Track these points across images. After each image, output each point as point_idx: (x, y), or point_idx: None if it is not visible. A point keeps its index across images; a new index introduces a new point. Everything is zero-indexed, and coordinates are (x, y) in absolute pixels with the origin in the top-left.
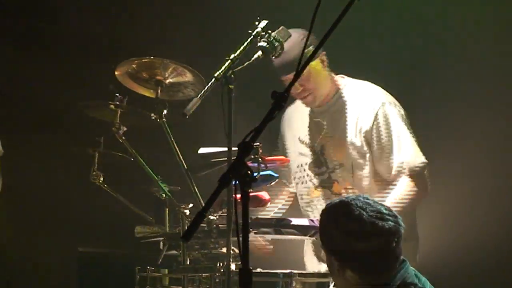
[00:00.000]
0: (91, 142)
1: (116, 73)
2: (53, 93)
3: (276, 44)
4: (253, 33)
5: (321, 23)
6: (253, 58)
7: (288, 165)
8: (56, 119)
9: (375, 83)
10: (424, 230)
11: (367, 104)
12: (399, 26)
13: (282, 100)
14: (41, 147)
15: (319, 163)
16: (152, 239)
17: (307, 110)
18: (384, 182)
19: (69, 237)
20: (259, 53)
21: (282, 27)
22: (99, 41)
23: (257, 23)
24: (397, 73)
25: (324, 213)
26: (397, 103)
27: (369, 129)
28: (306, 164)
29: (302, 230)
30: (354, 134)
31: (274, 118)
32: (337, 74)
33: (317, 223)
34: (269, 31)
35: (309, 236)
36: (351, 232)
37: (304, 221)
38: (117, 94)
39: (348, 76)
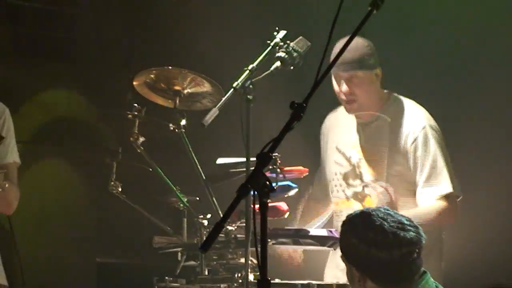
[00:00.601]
0: (109, 152)
1: (134, 83)
2: (71, 103)
3: (295, 54)
4: (272, 43)
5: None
6: (272, 69)
7: (324, 173)
8: (75, 129)
9: (419, 103)
10: (449, 242)
11: (410, 124)
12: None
13: (301, 110)
14: (60, 157)
15: (354, 175)
16: (170, 250)
17: (349, 119)
18: (413, 203)
19: (88, 247)
20: (278, 63)
21: (300, 37)
22: (117, 51)
23: (275, 33)
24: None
25: (345, 223)
26: (438, 128)
27: (408, 150)
28: (340, 173)
29: (321, 240)
30: (394, 153)
31: (292, 129)
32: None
33: (335, 234)
34: (288, 41)
35: (328, 247)
36: (372, 242)
37: (322, 232)
38: (135, 104)
39: (393, 92)
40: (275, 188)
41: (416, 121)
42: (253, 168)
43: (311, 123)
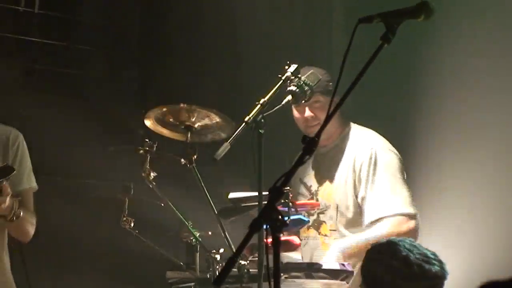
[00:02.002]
0: (121, 188)
1: (145, 120)
2: (82, 138)
3: (306, 88)
4: (283, 77)
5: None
6: (283, 103)
7: None
8: (87, 164)
9: (381, 134)
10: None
11: (360, 148)
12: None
13: (313, 144)
14: (71, 192)
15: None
16: (184, 284)
17: None
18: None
19: (101, 282)
20: (289, 97)
21: (311, 71)
22: (129, 87)
23: (286, 67)
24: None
25: (370, 251)
26: (391, 148)
27: (358, 174)
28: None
29: (333, 274)
30: (345, 178)
31: (304, 163)
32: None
33: (348, 267)
34: (299, 75)
35: (340, 280)
36: (397, 271)
37: (335, 265)
38: (147, 140)
39: (355, 122)
40: (287, 222)
41: (367, 144)
42: (265, 202)
43: None
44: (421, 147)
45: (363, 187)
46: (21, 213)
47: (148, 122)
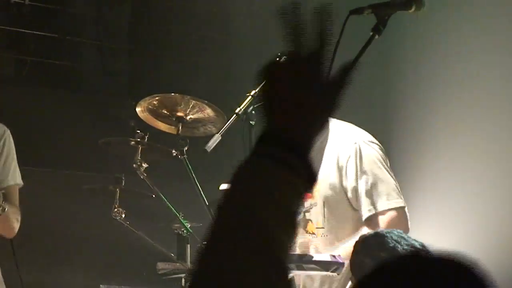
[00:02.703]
0: (112, 179)
1: (137, 109)
2: (74, 129)
3: None
4: None
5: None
6: None
7: None
8: (78, 155)
9: (360, 126)
10: None
11: (343, 142)
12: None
13: None
14: (62, 183)
15: None
16: (174, 276)
17: None
18: (358, 224)
19: (91, 274)
20: None
21: None
22: (120, 78)
23: (278, 59)
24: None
25: (358, 243)
26: (373, 140)
27: (345, 170)
28: None
29: (324, 265)
30: (328, 173)
31: None
32: None
33: (339, 259)
34: None
35: (331, 272)
36: None
37: (326, 257)
38: (138, 131)
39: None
40: None
41: (350, 138)
42: None
43: None
44: (412, 140)
45: (351, 183)
46: (7, 207)
47: (139, 110)
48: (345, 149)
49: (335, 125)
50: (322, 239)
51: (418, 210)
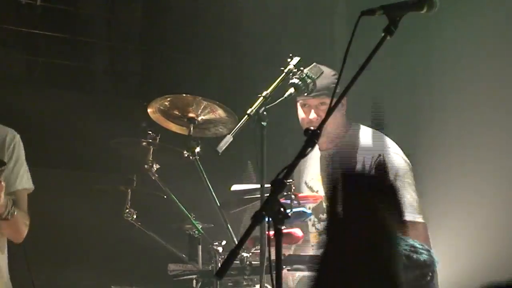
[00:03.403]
0: (124, 180)
1: (148, 110)
2: (86, 130)
3: (309, 81)
4: (286, 70)
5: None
6: (286, 95)
7: None
8: (89, 156)
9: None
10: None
11: (368, 154)
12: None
13: (315, 137)
14: (74, 184)
15: (322, 208)
16: (186, 277)
17: (313, 153)
18: None
19: (103, 274)
20: (291, 90)
21: (314, 63)
22: (132, 79)
23: (289, 60)
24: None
25: None
26: (400, 154)
27: None
28: (310, 208)
29: None
30: None
31: (306, 155)
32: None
33: None
34: (301, 68)
35: None
36: None
37: None
38: (150, 132)
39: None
40: (289, 214)
41: (373, 148)
42: (267, 194)
43: None
44: (426, 146)
45: None
46: (16, 212)
47: (150, 111)
48: (370, 160)
49: (363, 132)
50: None
51: (440, 219)
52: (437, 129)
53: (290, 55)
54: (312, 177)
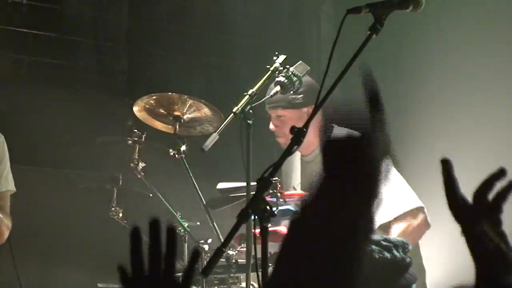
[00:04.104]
0: (110, 178)
1: (134, 108)
2: (71, 128)
3: (295, 79)
4: (272, 68)
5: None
6: (272, 93)
7: None
8: (75, 154)
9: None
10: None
11: None
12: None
13: (301, 135)
14: (59, 182)
15: None
16: None
17: (298, 157)
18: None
19: (89, 273)
20: (278, 88)
21: (300, 61)
22: (118, 77)
23: (275, 58)
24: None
25: None
26: None
27: None
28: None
29: None
30: None
31: (293, 153)
32: None
33: None
34: (287, 66)
35: None
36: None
37: None
38: (135, 130)
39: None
40: (275, 212)
41: None
42: (253, 193)
43: None
44: (417, 140)
45: None
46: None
47: (136, 110)
48: None
49: (342, 132)
50: None
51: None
52: (429, 126)
53: (276, 53)
54: (299, 181)
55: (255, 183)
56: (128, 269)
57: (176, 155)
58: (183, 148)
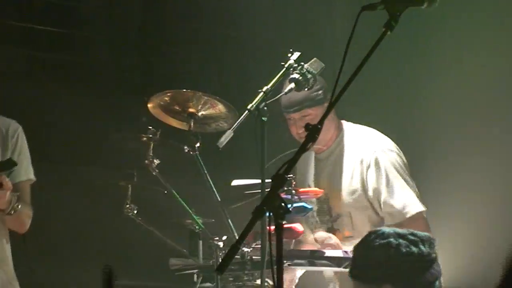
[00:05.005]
0: (124, 175)
1: (149, 105)
2: (86, 125)
3: (309, 76)
4: (286, 65)
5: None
6: (286, 90)
7: None
8: (89, 151)
9: (375, 127)
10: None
11: (362, 151)
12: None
13: (315, 131)
14: (75, 179)
15: (323, 211)
16: (186, 272)
17: (311, 156)
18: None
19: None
20: (292, 85)
21: (315, 58)
22: (131, 74)
23: (289, 55)
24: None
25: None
26: (392, 148)
27: (364, 177)
28: (315, 211)
29: (336, 261)
30: (349, 183)
31: (307, 150)
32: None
33: (351, 254)
34: (302, 63)
35: (343, 268)
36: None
37: (338, 253)
38: (150, 127)
39: (348, 120)
40: (290, 209)
41: (369, 146)
42: (268, 190)
43: None
44: (425, 143)
45: (372, 193)
46: (19, 207)
47: (151, 106)
48: (365, 159)
49: (354, 130)
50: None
51: (439, 214)
52: (436, 126)
53: (291, 50)
54: (313, 179)
55: (270, 180)
56: None
57: (191, 152)
58: (198, 145)
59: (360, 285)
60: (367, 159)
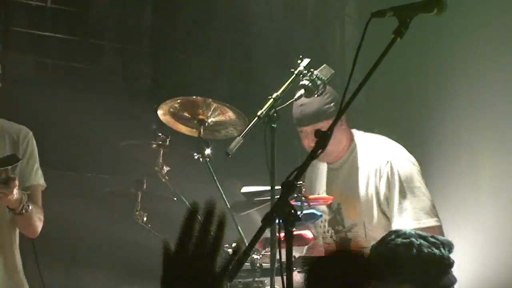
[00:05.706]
0: (134, 182)
1: (159, 112)
2: (96, 132)
3: (319, 82)
4: (296, 72)
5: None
6: (296, 97)
7: None
8: (100, 158)
9: (388, 136)
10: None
11: (375, 161)
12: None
13: (325, 138)
14: (84, 186)
15: (335, 221)
16: None
17: (324, 165)
18: None
19: (113, 276)
20: (302, 91)
21: (324, 65)
22: (142, 81)
23: (299, 61)
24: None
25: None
26: (407, 157)
27: (377, 186)
28: (325, 220)
29: None
30: (364, 193)
31: (317, 157)
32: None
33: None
34: (312, 70)
35: None
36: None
37: None
38: (160, 134)
39: (359, 129)
40: (300, 216)
41: (382, 155)
42: (278, 196)
43: None
44: (437, 148)
45: (386, 203)
46: (30, 207)
47: (161, 113)
48: (378, 168)
49: (366, 139)
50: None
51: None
52: (446, 130)
53: (301, 56)
54: (324, 188)
55: (279, 187)
56: (171, 247)
57: (201, 159)
58: (208, 151)
59: (377, 285)
60: (381, 168)
